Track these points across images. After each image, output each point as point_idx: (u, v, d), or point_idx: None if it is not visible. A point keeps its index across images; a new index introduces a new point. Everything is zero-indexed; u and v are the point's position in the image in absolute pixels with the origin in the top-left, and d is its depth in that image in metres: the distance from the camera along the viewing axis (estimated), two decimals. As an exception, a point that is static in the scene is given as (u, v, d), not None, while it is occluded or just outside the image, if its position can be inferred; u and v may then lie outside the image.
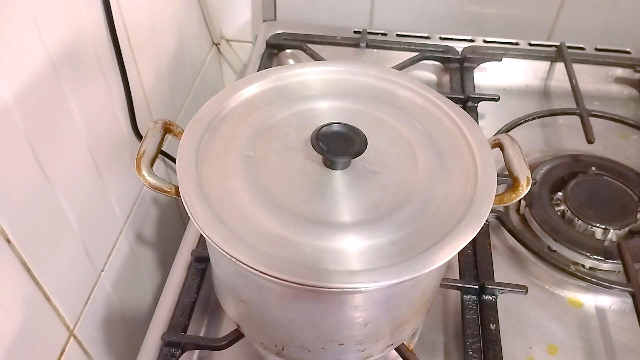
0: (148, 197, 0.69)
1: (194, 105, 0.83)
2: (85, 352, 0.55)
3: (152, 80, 0.67)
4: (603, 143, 0.70)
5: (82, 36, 0.50)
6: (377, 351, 0.44)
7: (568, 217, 0.60)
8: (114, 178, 0.59)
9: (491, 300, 0.52)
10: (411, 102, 0.47)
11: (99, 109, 0.54)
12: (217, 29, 0.94)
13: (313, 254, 0.35)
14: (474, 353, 0.48)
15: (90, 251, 0.55)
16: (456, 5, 0.86)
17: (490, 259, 0.56)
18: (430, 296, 0.45)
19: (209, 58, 0.93)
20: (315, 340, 0.42)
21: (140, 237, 0.67)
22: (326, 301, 0.38)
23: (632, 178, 0.65)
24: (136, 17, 0.61)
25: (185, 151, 0.40)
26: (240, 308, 0.44)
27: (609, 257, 0.57)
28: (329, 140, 0.39)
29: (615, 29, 0.86)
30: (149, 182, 0.39)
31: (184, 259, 0.56)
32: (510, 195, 0.40)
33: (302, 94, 0.46)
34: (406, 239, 0.36)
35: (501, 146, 0.43)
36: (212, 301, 0.54)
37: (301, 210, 0.37)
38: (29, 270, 0.45)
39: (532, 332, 0.53)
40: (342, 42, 0.82)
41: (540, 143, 0.73)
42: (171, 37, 0.73)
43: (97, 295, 0.57)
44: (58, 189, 0.48)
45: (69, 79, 0.48)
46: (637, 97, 0.80)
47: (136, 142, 0.63)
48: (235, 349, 0.49)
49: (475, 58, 0.79)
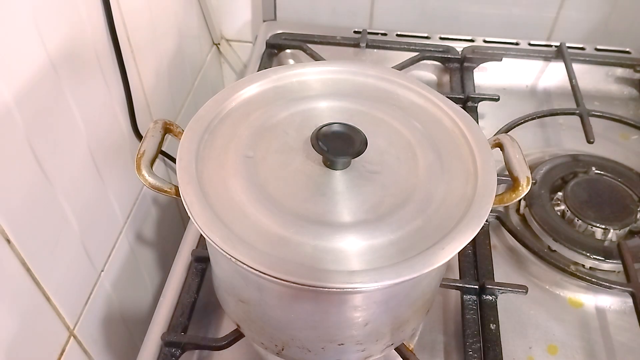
0: (148, 197, 0.69)
1: (194, 105, 0.84)
2: (85, 352, 0.55)
3: (152, 80, 0.67)
4: (603, 143, 0.70)
5: (82, 36, 0.50)
6: (377, 351, 0.44)
7: (568, 217, 0.60)
8: (114, 178, 0.59)
9: (491, 300, 0.52)
10: (411, 102, 0.47)
11: (99, 109, 0.54)
12: (217, 29, 0.94)
13: (313, 254, 0.35)
14: (474, 353, 0.48)
15: (90, 251, 0.55)
16: (456, 5, 0.86)
17: (490, 259, 0.56)
18: (430, 296, 0.45)
19: (209, 58, 0.93)
20: (315, 340, 0.42)
21: (140, 237, 0.67)
22: (326, 301, 0.38)
23: (632, 178, 0.65)
24: (136, 17, 0.61)
25: (185, 151, 0.40)
26: (240, 308, 0.44)
27: (609, 257, 0.57)
28: (329, 140, 0.39)
29: (615, 29, 0.86)
30: (149, 182, 0.39)
31: (184, 259, 0.56)
32: (510, 195, 0.40)
33: (302, 94, 0.46)
34: (406, 239, 0.36)
35: (501, 146, 0.43)
36: (212, 301, 0.54)
37: (301, 210, 0.37)
38: (29, 270, 0.45)
39: (532, 332, 0.53)
40: (342, 42, 0.82)
41: (540, 143, 0.72)
42: (171, 37, 0.73)
43: (97, 295, 0.57)
44: (58, 189, 0.48)
45: (69, 79, 0.48)
46: (637, 97, 0.80)
47: (136, 142, 0.63)
48: (235, 349, 0.49)
49: (475, 58, 0.79)
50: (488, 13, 0.87)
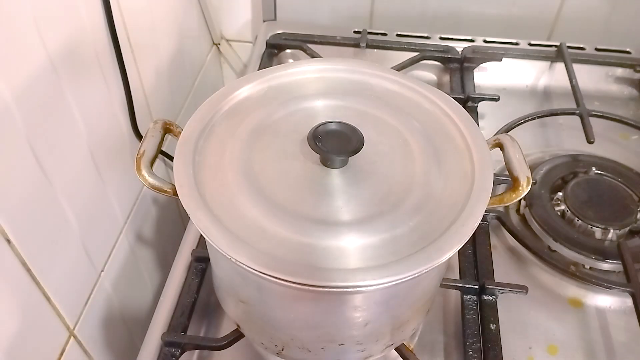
0: (148, 197, 0.69)
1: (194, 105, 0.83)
2: (85, 352, 0.55)
3: (152, 80, 0.67)
4: (603, 143, 0.70)
5: (82, 36, 0.50)
6: (377, 351, 0.44)
7: (568, 217, 0.60)
8: (114, 178, 0.59)
9: (491, 300, 0.52)
10: (407, 99, 0.46)
11: (99, 109, 0.54)
12: (217, 29, 0.94)
13: (312, 253, 0.35)
14: (474, 353, 0.48)
15: (90, 251, 0.55)
16: (456, 6, 0.86)
17: (490, 259, 0.56)
18: (430, 296, 0.45)
19: (209, 58, 0.93)
20: (315, 340, 0.42)
21: (140, 237, 0.67)
22: (326, 301, 0.38)
23: (632, 178, 0.65)
24: (136, 17, 0.61)
25: (183, 151, 0.40)
26: (240, 308, 0.44)
27: (609, 257, 0.57)
28: (326, 139, 0.39)
29: (615, 29, 0.86)
30: (149, 182, 0.39)
31: (184, 259, 0.56)
32: (510, 195, 0.40)
33: (298, 93, 0.46)
34: (405, 237, 0.36)
35: (501, 146, 0.43)
36: (212, 301, 0.54)
37: (299, 210, 0.37)
38: (29, 270, 0.45)
39: (532, 332, 0.52)
40: (342, 42, 0.82)
41: (540, 143, 0.72)
42: (171, 37, 0.73)
43: (97, 295, 0.57)
44: (58, 189, 0.48)
45: (69, 79, 0.48)
46: (637, 97, 0.80)
47: (136, 142, 0.63)
48: (235, 349, 0.49)
49: (475, 58, 0.79)
50: (488, 13, 0.86)
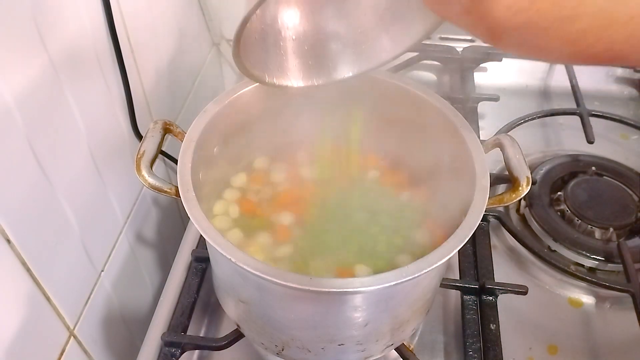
0: (148, 197, 0.69)
1: (194, 105, 0.83)
2: (85, 352, 0.55)
3: (152, 80, 0.67)
4: (603, 143, 0.70)
5: (83, 37, 0.50)
6: (377, 351, 0.44)
7: (568, 217, 0.60)
8: (114, 178, 0.59)
9: (491, 300, 0.52)
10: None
11: (99, 109, 0.54)
12: (217, 29, 0.93)
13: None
14: (474, 353, 0.48)
15: (90, 251, 0.55)
16: (456, 5, 0.86)
17: (490, 259, 0.55)
18: (430, 296, 0.45)
19: (209, 58, 0.93)
20: (315, 340, 0.42)
21: (140, 237, 0.67)
22: (326, 302, 0.38)
23: (632, 178, 0.65)
24: (136, 17, 0.61)
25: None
26: (240, 308, 0.44)
27: (609, 257, 0.57)
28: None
29: (615, 29, 0.86)
30: (149, 183, 0.39)
31: (184, 259, 0.56)
32: (510, 195, 0.40)
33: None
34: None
35: (501, 146, 0.43)
36: (212, 301, 0.54)
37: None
38: (29, 270, 0.45)
39: (532, 332, 0.52)
40: (342, 42, 0.81)
41: (540, 143, 0.73)
42: (171, 37, 0.73)
43: (97, 295, 0.57)
44: (58, 189, 0.48)
45: (69, 80, 0.48)
46: (637, 97, 0.80)
47: (136, 142, 0.62)
48: (235, 349, 0.49)
49: (475, 58, 0.79)
50: (488, 13, 0.86)
